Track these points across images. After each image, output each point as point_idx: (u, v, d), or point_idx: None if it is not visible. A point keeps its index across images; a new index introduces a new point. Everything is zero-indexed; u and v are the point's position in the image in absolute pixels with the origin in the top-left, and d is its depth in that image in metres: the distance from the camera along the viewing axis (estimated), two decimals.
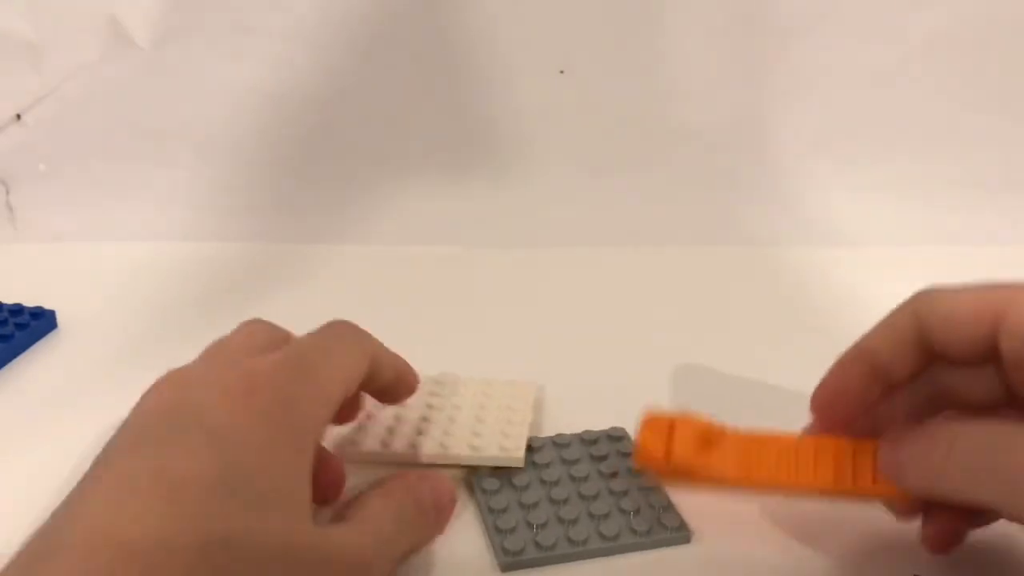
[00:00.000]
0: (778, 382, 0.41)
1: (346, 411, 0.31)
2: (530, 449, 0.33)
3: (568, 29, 0.54)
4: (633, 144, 0.57)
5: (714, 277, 0.52)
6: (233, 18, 0.53)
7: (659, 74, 0.55)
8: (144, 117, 0.55)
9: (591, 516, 0.30)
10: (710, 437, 0.30)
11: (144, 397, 0.26)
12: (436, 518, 0.29)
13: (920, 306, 0.29)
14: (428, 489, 0.29)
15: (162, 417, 0.24)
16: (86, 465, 0.31)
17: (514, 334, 0.45)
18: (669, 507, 0.31)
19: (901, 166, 0.57)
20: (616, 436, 0.35)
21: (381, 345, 0.30)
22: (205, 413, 0.24)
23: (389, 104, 0.55)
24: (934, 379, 0.29)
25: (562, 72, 0.55)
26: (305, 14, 0.53)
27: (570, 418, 0.37)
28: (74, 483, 0.33)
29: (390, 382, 0.30)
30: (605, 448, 0.34)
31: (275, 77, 0.54)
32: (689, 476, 0.29)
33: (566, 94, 0.55)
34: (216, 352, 0.29)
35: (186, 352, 0.42)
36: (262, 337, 0.29)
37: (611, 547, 0.29)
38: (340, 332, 0.29)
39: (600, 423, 0.37)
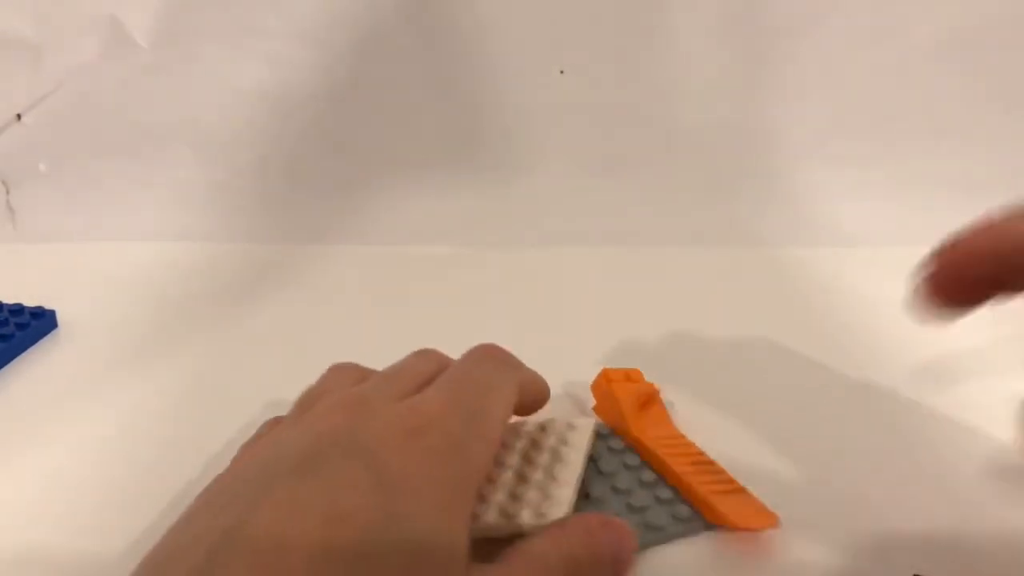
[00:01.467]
0: (778, 382, 0.41)
1: None
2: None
3: (568, 29, 0.54)
4: (633, 144, 0.57)
5: (714, 277, 0.52)
6: (233, 18, 0.53)
7: (659, 74, 0.55)
8: (144, 117, 0.55)
9: (631, 508, 0.30)
10: (648, 400, 0.35)
11: (316, 416, 0.26)
12: (612, 573, 0.26)
13: None
14: (609, 538, 0.26)
15: (333, 446, 0.24)
16: (86, 463, 0.31)
17: (514, 334, 0.45)
18: None
19: (901, 166, 0.57)
20: None
21: (527, 369, 0.30)
22: (375, 449, 0.24)
23: (389, 104, 0.56)
24: None
25: (562, 72, 0.55)
26: (305, 14, 0.53)
27: (570, 417, 0.37)
28: (74, 483, 0.33)
29: (528, 403, 0.31)
30: (623, 441, 0.34)
31: (275, 77, 0.54)
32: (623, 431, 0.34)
33: (566, 94, 0.55)
34: (390, 379, 0.29)
35: (186, 353, 0.42)
36: (429, 368, 0.30)
37: (659, 537, 0.29)
38: (494, 362, 0.29)
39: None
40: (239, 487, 0.23)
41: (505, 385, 0.28)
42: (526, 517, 0.27)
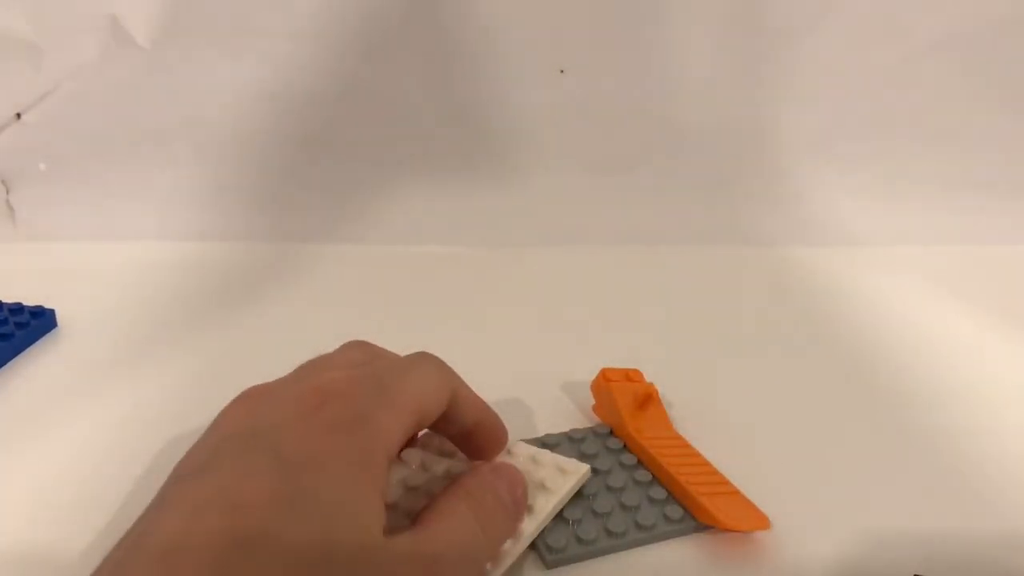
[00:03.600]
0: (777, 381, 0.41)
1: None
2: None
3: (568, 29, 0.54)
4: (633, 144, 0.57)
5: (714, 277, 0.52)
6: (233, 18, 0.53)
7: (659, 74, 0.55)
8: (144, 117, 0.55)
9: (624, 507, 0.31)
10: (646, 401, 0.36)
11: (222, 415, 0.26)
12: (515, 511, 0.28)
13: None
14: (504, 483, 0.28)
15: (232, 440, 0.24)
16: (85, 462, 0.31)
17: (514, 334, 0.45)
18: None
19: (901, 166, 0.57)
20: None
21: (466, 385, 0.29)
22: (274, 432, 0.24)
23: (389, 104, 0.55)
24: None
25: (562, 72, 0.55)
26: (305, 14, 0.53)
27: (570, 416, 0.37)
28: (73, 482, 0.33)
29: (472, 427, 0.29)
30: (621, 440, 0.34)
31: (275, 77, 0.54)
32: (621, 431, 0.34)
33: (566, 94, 0.55)
34: (303, 368, 0.29)
35: (185, 352, 0.42)
36: (356, 356, 0.29)
37: (649, 536, 0.30)
38: (422, 359, 0.29)
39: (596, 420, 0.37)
40: (155, 498, 0.24)
41: (427, 378, 0.27)
42: None
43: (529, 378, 0.39)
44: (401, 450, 0.28)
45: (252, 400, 0.26)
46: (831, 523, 0.31)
